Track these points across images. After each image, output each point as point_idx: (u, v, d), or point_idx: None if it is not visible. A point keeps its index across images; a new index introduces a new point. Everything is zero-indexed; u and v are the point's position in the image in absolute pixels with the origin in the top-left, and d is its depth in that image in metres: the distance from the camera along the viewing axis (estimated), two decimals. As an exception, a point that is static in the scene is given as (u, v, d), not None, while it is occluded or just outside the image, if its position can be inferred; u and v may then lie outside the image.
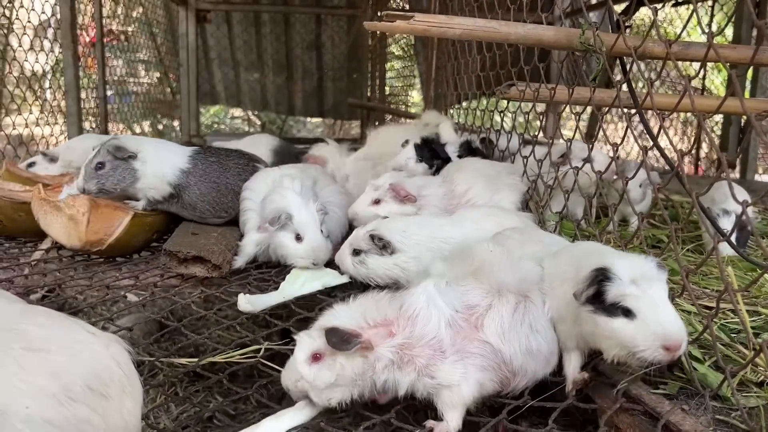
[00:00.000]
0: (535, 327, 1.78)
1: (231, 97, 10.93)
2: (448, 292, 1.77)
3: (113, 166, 3.03)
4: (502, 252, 1.90)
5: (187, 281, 2.82)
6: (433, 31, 2.27)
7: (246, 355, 2.31)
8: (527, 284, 1.83)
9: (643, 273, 1.63)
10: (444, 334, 1.69)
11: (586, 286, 1.67)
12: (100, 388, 1.47)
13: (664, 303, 1.58)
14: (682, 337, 1.55)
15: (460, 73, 4.89)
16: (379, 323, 1.70)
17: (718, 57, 1.70)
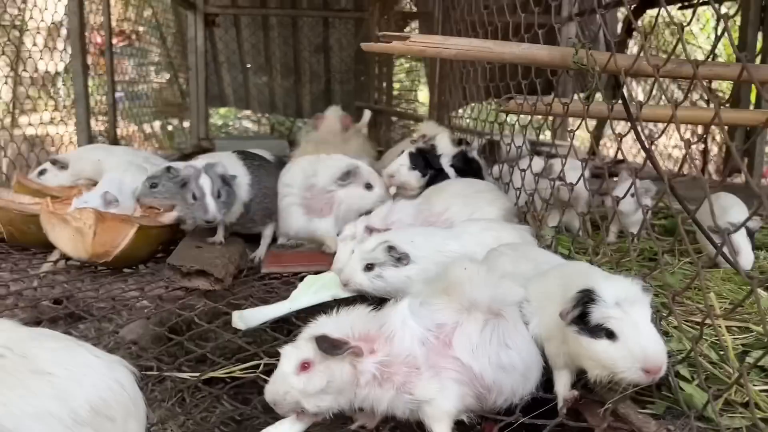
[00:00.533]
0: (507, 343, 1.82)
1: (240, 99, 11.00)
2: (421, 312, 1.82)
3: (228, 192, 3.08)
4: (476, 270, 1.93)
5: (191, 293, 2.88)
6: (429, 52, 2.30)
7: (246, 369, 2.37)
8: (499, 302, 1.86)
9: (627, 296, 1.66)
10: (418, 351, 1.75)
11: (572, 306, 1.71)
12: (105, 410, 1.53)
13: (645, 326, 1.62)
14: (662, 360, 1.59)
15: (467, 81, 4.90)
16: (363, 337, 1.76)
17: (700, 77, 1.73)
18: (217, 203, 2.91)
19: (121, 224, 3.00)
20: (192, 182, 2.92)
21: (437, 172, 3.42)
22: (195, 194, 2.92)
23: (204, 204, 2.89)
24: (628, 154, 7.19)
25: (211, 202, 2.90)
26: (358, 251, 2.50)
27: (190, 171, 2.94)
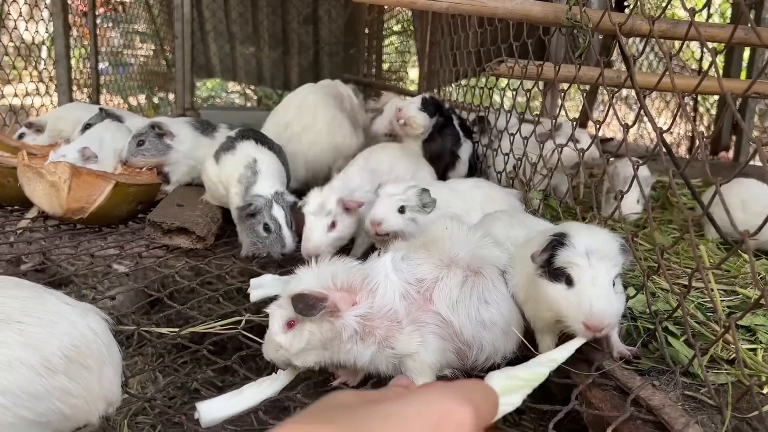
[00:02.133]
0: (486, 300, 1.80)
1: (226, 70, 10.84)
2: (401, 266, 1.80)
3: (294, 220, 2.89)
4: (457, 227, 1.91)
5: (172, 252, 2.83)
6: (419, 4, 2.25)
7: (227, 326, 2.33)
8: (479, 260, 1.84)
9: (600, 249, 1.62)
10: (399, 305, 1.73)
11: (542, 249, 1.69)
12: (78, 358, 1.49)
13: (603, 283, 1.56)
14: (605, 321, 1.54)
15: (458, 48, 4.84)
16: (345, 288, 1.73)
17: (698, 35, 1.69)
18: (292, 233, 2.70)
19: (98, 180, 2.92)
20: (264, 213, 2.69)
21: (446, 121, 3.44)
22: (269, 226, 2.68)
23: (281, 237, 2.67)
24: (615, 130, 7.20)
25: (288, 234, 2.69)
26: (386, 194, 2.46)
27: (261, 201, 2.71)
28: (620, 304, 1.61)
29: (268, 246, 2.66)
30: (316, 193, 2.62)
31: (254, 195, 2.72)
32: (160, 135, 3.42)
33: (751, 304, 1.47)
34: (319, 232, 2.54)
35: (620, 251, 1.64)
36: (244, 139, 3.02)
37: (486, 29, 3.67)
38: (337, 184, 2.70)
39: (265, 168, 2.84)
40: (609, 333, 1.69)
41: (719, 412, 1.52)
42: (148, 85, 9.70)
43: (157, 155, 3.41)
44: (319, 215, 2.56)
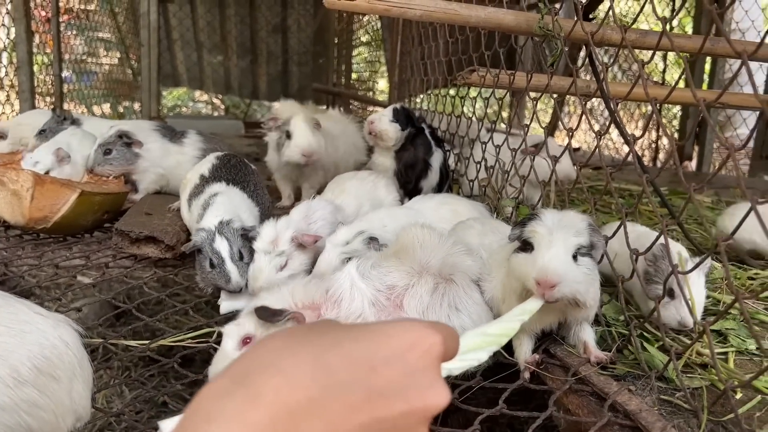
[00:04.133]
0: (457, 307, 1.81)
1: (193, 79, 10.73)
2: (371, 273, 1.79)
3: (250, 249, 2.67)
4: (428, 235, 1.90)
5: (140, 262, 2.76)
6: (394, 11, 2.24)
7: (198, 338, 2.28)
8: (450, 268, 1.84)
9: (566, 223, 1.66)
10: (368, 312, 1.73)
11: (516, 224, 1.75)
12: (48, 369, 1.44)
13: (558, 247, 1.60)
14: (552, 278, 1.56)
15: (428, 58, 4.86)
16: (307, 305, 1.72)
17: (671, 45, 1.72)
18: (240, 267, 2.47)
19: (62, 188, 2.84)
20: (206, 247, 2.49)
21: (417, 132, 3.42)
22: (213, 261, 2.46)
23: (225, 272, 2.44)
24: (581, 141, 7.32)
25: (233, 268, 2.45)
26: (332, 244, 2.32)
27: (203, 235, 2.50)
28: (580, 274, 1.62)
29: (212, 281, 2.48)
30: (269, 228, 2.43)
31: (198, 229, 2.55)
32: (128, 144, 3.34)
33: (724, 309, 1.49)
34: (268, 272, 2.37)
35: (587, 227, 1.67)
36: (215, 181, 2.87)
37: (457, 39, 3.70)
38: (295, 216, 2.51)
39: (220, 200, 2.69)
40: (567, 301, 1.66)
41: (695, 416, 1.53)
42: (112, 93, 9.52)
43: (125, 164, 3.34)
44: (269, 254, 2.39)
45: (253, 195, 2.93)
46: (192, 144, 3.54)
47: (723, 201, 3.86)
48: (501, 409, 1.70)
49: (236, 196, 2.80)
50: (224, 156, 3.10)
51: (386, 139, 3.35)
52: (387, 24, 8.03)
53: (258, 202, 2.94)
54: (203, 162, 3.10)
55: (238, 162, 3.08)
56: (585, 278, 1.64)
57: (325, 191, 3.01)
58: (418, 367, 0.75)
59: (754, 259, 2.52)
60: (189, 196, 2.90)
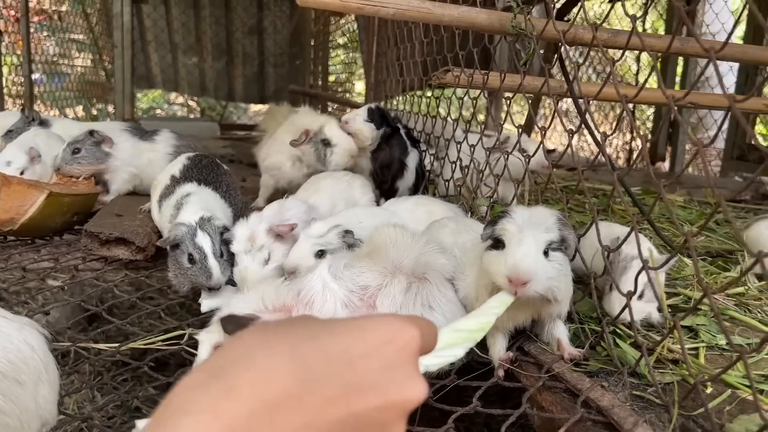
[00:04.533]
0: (431, 305, 1.81)
1: (168, 81, 10.61)
2: (344, 274, 1.79)
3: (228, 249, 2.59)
4: (401, 234, 1.90)
5: (110, 264, 2.71)
6: (367, 10, 2.24)
7: (170, 341, 2.25)
8: (423, 266, 1.84)
9: (535, 220, 1.67)
10: (341, 314, 1.72)
11: (488, 223, 1.76)
12: (13, 373, 1.40)
13: (529, 243, 1.61)
14: (523, 275, 1.57)
15: (404, 59, 4.86)
16: (278, 308, 1.71)
17: (642, 44, 1.73)
18: (221, 263, 2.40)
19: (29, 189, 2.78)
20: (186, 242, 2.40)
21: (392, 131, 3.42)
22: (193, 256, 2.38)
23: (207, 267, 2.36)
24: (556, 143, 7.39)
25: (215, 265, 2.38)
26: (306, 236, 2.28)
27: (183, 229, 2.42)
28: (551, 269, 1.63)
29: (190, 277, 2.38)
30: (243, 227, 2.39)
31: (176, 224, 2.47)
32: (98, 142, 3.29)
33: (694, 305, 1.50)
34: (254, 270, 2.32)
35: (556, 222, 1.69)
36: (186, 181, 2.82)
37: (432, 39, 3.70)
38: (267, 212, 2.47)
39: (194, 200, 2.64)
40: (537, 296, 1.66)
41: (666, 411, 1.54)
42: (85, 95, 9.38)
43: (95, 163, 3.27)
44: (251, 252, 2.35)
45: (226, 196, 2.90)
46: (164, 141, 3.49)
47: (695, 200, 3.92)
48: (475, 407, 1.70)
49: (209, 197, 2.77)
50: (195, 156, 3.07)
51: (362, 138, 3.34)
52: (363, 25, 8.02)
53: (231, 203, 2.91)
54: (174, 163, 3.07)
55: (210, 162, 3.05)
56: (557, 273, 1.65)
57: (299, 190, 2.99)
58: (395, 361, 0.75)
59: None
60: (160, 197, 2.86)
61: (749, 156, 5.32)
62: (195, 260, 2.37)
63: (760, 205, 4.43)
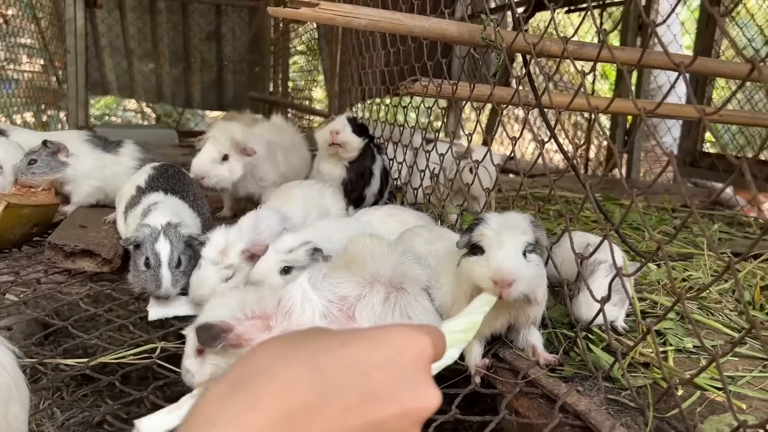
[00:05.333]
0: (409, 315, 1.82)
1: (123, 87, 10.38)
2: (323, 285, 1.79)
3: (189, 258, 2.54)
4: (377, 244, 1.91)
5: (74, 277, 2.64)
6: (339, 20, 2.24)
7: (140, 355, 2.20)
8: (400, 276, 1.85)
9: (510, 224, 1.72)
10: (319, 324, 1.71)
11: (465, 231, 1.80)
12: (-18, 391, 1.35)
13: (508, 246, 1.65)
14: (508, 276, 1.61)
15: (364, 68, 4.90)
16: (257, 315, 1.71)
17: (612, 56, 1.79)
18: (175, 274, 2.35)
19: (-14, 201, 2.69)
20: (147, 245, 2.36)
21: (370, 140, 3.48)
22: (149, 261, 2.34)
23: (158, 276, 2.32)
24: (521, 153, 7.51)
25: (167, 274, 2.33)
26: (274, 250, 2.25)
27: (147, 231, 2.38)
28: (532, 270, 1.67)
29: (141, 282, 2.35)
30: (220, 236, 2.34)
31: (143, 224, 2.43)
32: (53, 152, 3.19)
33: (667, 310, 1.55)
34: (212, 282, 2.28)
35: (530, 225, 1.73)
36: (153, 191, 2.77)
37: (399, 49, 3.73)
38: (245, 226, 2.42)
39: (163, 206, 2.60)
40: (521, 299, 1.70)
41: (641, 414, 1.59)
42: (36, 102, 9.10)
43: (50, 173, 3.16)
44: (217, 265, 2.30)
45: (193, 205, 2.86)
46: (129, 154, 3.41)
47: (653, 206, 4.04)
48: (454, 415, 1.71)
49: (177, 205, 2.73)
50: (161, 166, 3.02)
51: (349, 150, 3.37)
52: (324, 33, 8.02)
53: (199, 212, 2.88)
54: (139, 173, 3.01)
55: (176, 172, 3.00)
56: (537, 273, 1.70)
57: (270, 199, 2.97)
58: (410, 370, 0.77)
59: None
60: (125, 208, 2.80)
61: (701, 162, 5.53)
62: (150, 266, 2.34)
63: (711, 210, 4.60)
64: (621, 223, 1.79)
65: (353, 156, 3.41)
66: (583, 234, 2.32)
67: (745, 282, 2.53)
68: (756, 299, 2.34)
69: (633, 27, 5.54)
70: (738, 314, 2.26)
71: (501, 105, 2.53)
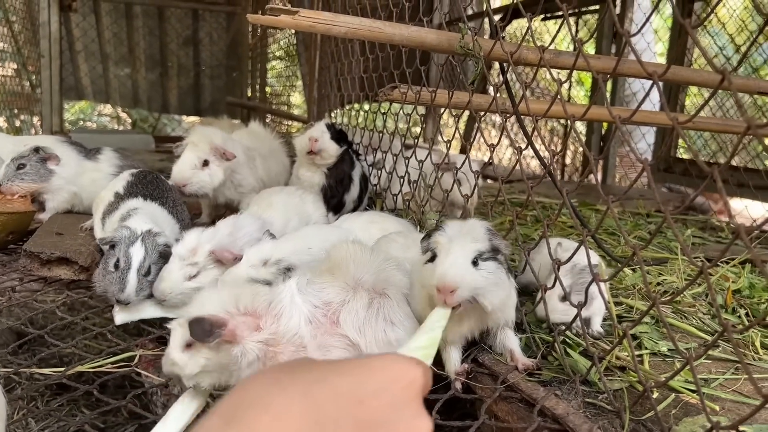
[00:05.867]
0: (392, 320, 1.83)
1: (99, 92, 10.25)
2: (308, 290, 1.80)
3: (159, 269, 2.49)
4: (360, 250, 1.93)
5: (50, 285, 2.61)
6: (318, 28, 2.25)
7: (118, 364, 2.18)
8: (383, 282, 1.87)
9: (465, 231, 1.76)
10: (304, 330, 1.72)
11: (424, 236, 1.85)
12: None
13: (456, 254, 1.69)
14: (449, 284, 1.64)
15: (343, 74, 4.91)
16: (249, 312, 1.70)
17: (587, 65, 1.82)
18: (141, 282, 2.32)
19: (-39, 208, 2.64)
20: (121, 246, 2.34)
21: (348, 146, 3.50)
22: (119, 263, 2.32)
23: (124, 280, 2.29)
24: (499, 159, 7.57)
25: (133, 279, 2.30)
26: (247, 260, 2.25)
27: (125, 233, 2.36)
28: (478, 277, 1.69)
29: (106, 282, 2.32)
30: (194, 236, 2.36)
31: (124, 226, 2.42)
32: (43, 159, 3.14)
33: (643, 314, 1.58)
34: (175, 278, 2.28)
35: (485, 233, 1.77)
36: (131, 197, 2.76)
37: (378, 55, 3.76)
38: (222, 230, 2.42)
39: (143, 212, 2.59)
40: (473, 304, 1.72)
41: (618, 417, 1.61)
42: (8, 106, 8.96)
43: (38, 181, 3.13)
44: (184, 261, 2.31)
45: (173, 211, 2.85)
46: (108, 161, 3.38)
47: (628, 212, 4.11)
48: (435, 421, 1.73)
49: (156, 212, 2.72)
50: (139, 173, 3.01)
51: (326, 157, 3.40)
52: (302, 39, 8.02)
53: (178, 218, 2.86)
54: (117, 179, 2.99)
55: (155, 178, 2.99)
56: (485, 281, 1.71)
57: (251, 205, 2.96)
58: (402, 399, 0.78)
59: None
60: (103, 215, 2.78)
61: (675, 168, 5.63)
62: (119, 267, 2.32)
63: (685, 215, 4.68)
64: (597, 229, 1.83)
65: (331, 162, 3.43)
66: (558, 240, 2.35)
67: (718, 286, 2.58)
68: (728, 303, 2.40)
69: (608, 35, 5.64)
70: (711, 318, 2.31)
71: (479, 112, 2.56)
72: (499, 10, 6.35)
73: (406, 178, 3.11)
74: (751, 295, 2.52)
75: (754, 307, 2.43)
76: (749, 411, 1.23)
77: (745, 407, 1.70)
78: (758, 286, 2.58)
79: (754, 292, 2.54)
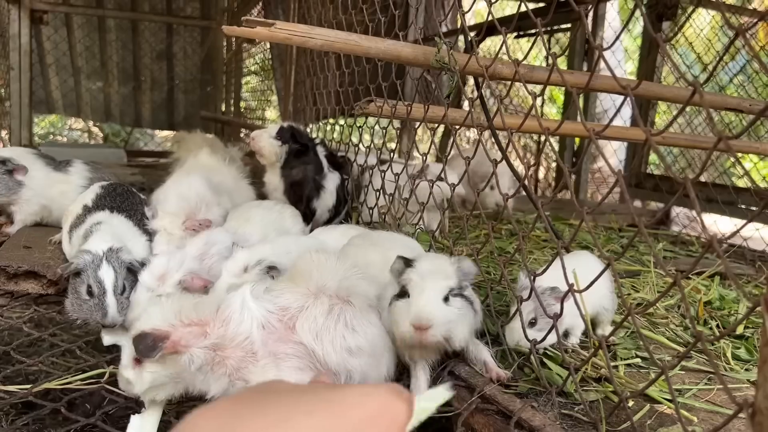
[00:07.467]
0: (354, 327, 1.82)
1: (70, 105, 10.09)
2: (264, 296, 1.79)
3: (131, 283, 2.47)
4: (325, 258, 1.92)
5: (17, 300, 2.54)
6: (295, 40, 2.25)
7: (87, 381, 2.13)
8: (346, 290, 1.86)
9: (436, 269, 1.79)
10: (256, 335, 1.72)
11: (393, 272, 1.87)
12: None
13: (430, 292, 1.73)
14: (426, 320, 1.69)
15: (318, 89, 4.91)
16: (194, 322, 1.70)
17: (561, 79, 1.85)
18: (120, 302, 2.29)
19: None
20: (89, 272, 2.28)
21: (302, 148, 3.43)
22: (92, 289, 2.27)
23: (103, 305, 2.25)
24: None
25: (113, 302, 2.26)
26: (227, 272, 2.23)
27: (87, 258, 2.31)
28: (451, 313, 1.74)
29: (86, 312, 2.27)
30: (161, 262, 2.32)
31: (82, 250, 2.36)
32: (11, 171, 3.05)
33: (618, 324, 1.60)
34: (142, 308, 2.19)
35: (455, 270, 1.81)
36: (98, 210, 2.71)
37: (354, 70, 3.77)
38: (191, 252, 2.38)
39: (105, 228, 2.53)
40: (448, 342, 1.77)
41: (594, 428, 1.62)
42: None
43: (7, 194, 3.04)
44: (151, 292, 2.26)
45: (140, 224, 2.80)
46: (78, 173, 3.32)
47: (600, 226, 4.16)
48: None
49: (122, 225, 2.68)
50: (109, 185, 2.96)
51: (263, 155, 3.40)
52: (277, 54, 8.02)
53: (145, 230, 2.82)
54: (87, 191, 2.94)
55: (125, 191, 2.94)
56: (456, 317, 1.76)
57: (228, 219, 2.92)
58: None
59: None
60: (70, 228, 2.73)
61: (645, 183, 5.72)
62: (93, 294, 2.27)
63: (656, 229, 4.76)
64: (571, 242, 1.84)
65: (273, 161, 3.41)
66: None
67: (690, 298, 2.62)
68: (700, 314, 2.43)
69: (580, 52, 5.73)
70: (683, 329, 2.34)
71: (454, 126, 2.57)
72: (474, 28, 6.41)
73: (381, 191, 3.11)
74: (721, 307, 2.57)
75: (725, 318, 2.47)
76: (723, 420, 1.24)
77: (718, 416, 1.72)
78: (728, 298, 2.63)
79: (725, 304, 2.58)
